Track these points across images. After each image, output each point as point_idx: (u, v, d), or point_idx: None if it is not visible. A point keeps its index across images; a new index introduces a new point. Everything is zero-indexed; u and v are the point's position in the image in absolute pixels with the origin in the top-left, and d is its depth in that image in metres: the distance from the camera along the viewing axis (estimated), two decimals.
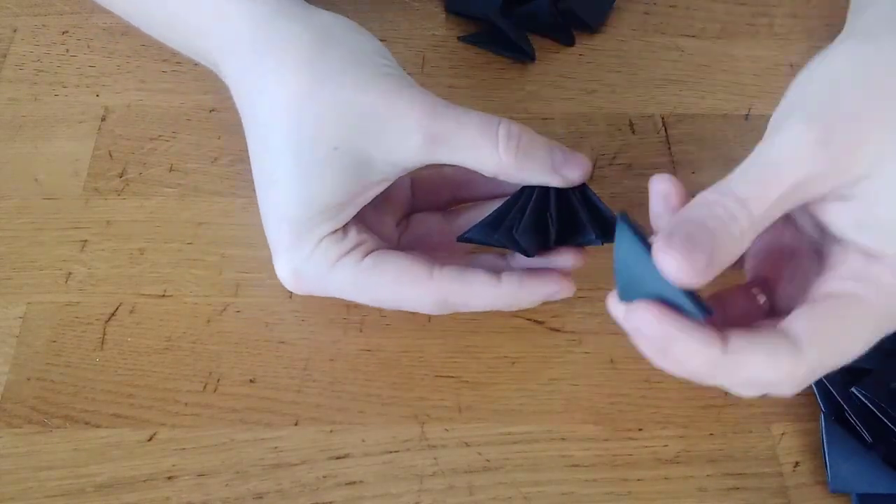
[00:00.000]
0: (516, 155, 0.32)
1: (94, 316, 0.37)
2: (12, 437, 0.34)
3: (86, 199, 0.41)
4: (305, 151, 0.31)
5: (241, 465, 0.34)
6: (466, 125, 0.32)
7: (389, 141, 0.31)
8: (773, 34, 0.49)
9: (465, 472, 0.34)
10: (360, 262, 0.33)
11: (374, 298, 0.34)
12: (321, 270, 0.33)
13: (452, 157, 0.32)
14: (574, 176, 0.33)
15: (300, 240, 0.33)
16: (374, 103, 0.31)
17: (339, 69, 0.31)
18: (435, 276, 0.33)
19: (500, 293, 0.33)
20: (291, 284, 0.34)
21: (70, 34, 0.47)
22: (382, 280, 0.33)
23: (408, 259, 0.33)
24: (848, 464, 0.33)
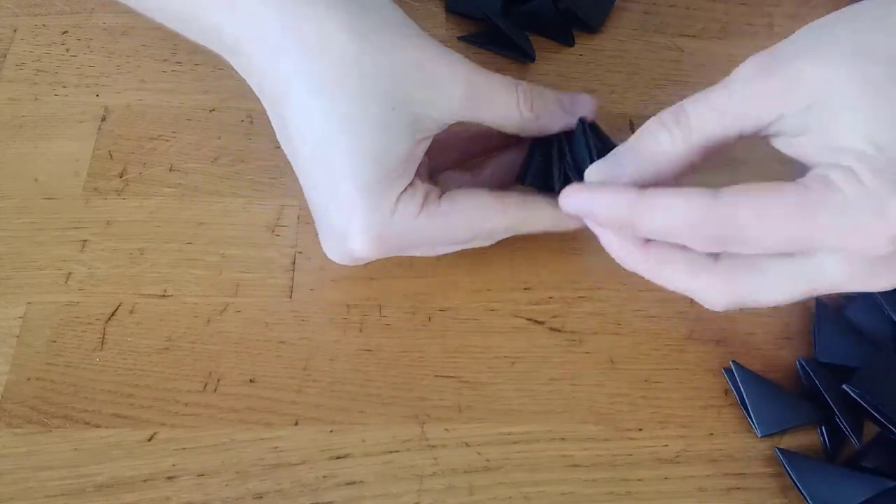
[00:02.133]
0: (533, 108, 0.35)
1: (94, 316, 0.37)
2: (12, 437, 0.34)
3: (86, 199, 0.41)
4: (367, 112, 0.32)
5: (241, 465, 0.34)
6: (496, 84, 0.34)
7: (438, 96, 0.33)
8: (773, 34, 0.49)
9: (465, 472, 0.34)
10: (438, 207, 0.34)
11: (454, 239, 0.35)
12: (406, 228, 0.34)
13: (482, 113, 0.34)
14: (584, 111, 0.36)
15: (378, 203, 0.33)
16: (422, 62, 0.33)
17: (382, 31, 0.32)
18: (507, 203, 0.35)
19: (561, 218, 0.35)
20: (371, 249, 0.34)
21: (70, 34, 0.47)
22: (462, 216, 0.35)
23: (477, 192, 0.35)
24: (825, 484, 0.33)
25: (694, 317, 0.38)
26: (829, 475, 0.33)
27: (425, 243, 0.35)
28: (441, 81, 0.33)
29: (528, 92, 0.35)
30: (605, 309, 0.39)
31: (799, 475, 0.33)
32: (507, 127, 0.35)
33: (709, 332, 0.38)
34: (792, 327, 0.38)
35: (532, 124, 0.35)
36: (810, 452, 0.35)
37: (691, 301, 0.38)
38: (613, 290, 0.39)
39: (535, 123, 0.35)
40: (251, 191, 0.41)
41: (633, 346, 0.38)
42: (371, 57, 0.32)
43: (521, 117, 0.35)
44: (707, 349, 0.38)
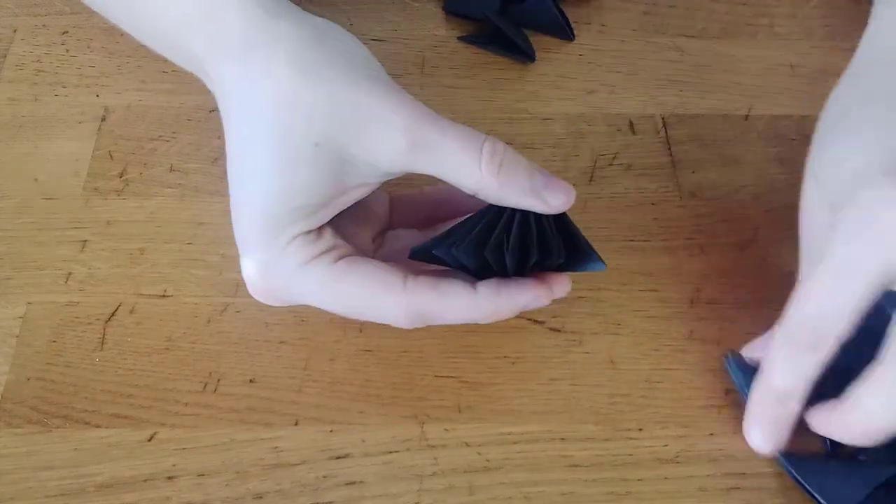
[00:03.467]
0: (498, 173, 0.31)
1: (94, 316, 0.37)
2: (12, 437, 0.34)
3: (86, 199, 0.41)
4: (287, 144, 0.31)
5: (241, 465, 0.34)
6: (451, 136, 0.31)
7: (373, 141, 0.31)
8: (773, 34, 0.49)
9: (465, 472, 0.34)
10: (332, 264, 0.32)
11: (343, 305, 0.33)
12: (290, 269, 0.32)
13: (434, 167, 0.31)
14: (556, 202, 0.32)
15: (272, 236, 0.32)
16: (360, 102, 0.31)
17: (329, 67, 0.31)
18: (409, 286, 0.32)
19: (476, 303, 0.32)
20: (257, 284, 0.33)
21: (70, 34, 0.47)
22: (354, 286, 0.32)
23: (381, 267, 0.32)
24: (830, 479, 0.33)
25: (694, 317, 0.38)
26: (832, 470, 0.33)
27: (314, 299, 0.33)
28: (379, 126, 0.31)
29: (500, 153, 0.31)
30: (605, 309, 0.39)
31: (802, 473, 0.33)
32: (463, 186, 0.32)
33: (709, 332, 0.38)
34: None
35: (492, 192, 0.31)
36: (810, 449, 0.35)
37: (691, 301, 0.39)
38: (613, 290, 0.39)
39: (495, 191, 0.31)
40: None
41: (633, 346, 0.38)
42: (305, 90, 0.31)
43: (479, 179, 0.31)
44: (707, 349, 0.38)
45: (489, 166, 0.31)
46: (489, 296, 0.32)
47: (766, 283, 0.39)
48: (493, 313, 0.32)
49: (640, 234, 0.41)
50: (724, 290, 0.39)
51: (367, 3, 0.49)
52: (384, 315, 0.33)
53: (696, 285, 0.39)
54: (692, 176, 0.43)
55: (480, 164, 0.31)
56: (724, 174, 0.43)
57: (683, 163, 0.43)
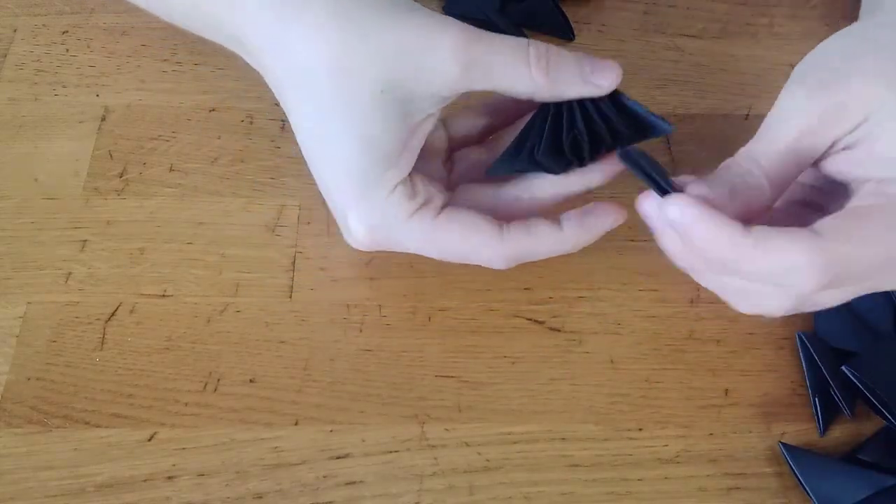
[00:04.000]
0: (548, 72, 0.32)
1: (94, 316, 0.37)
2: (12, 437, 0.34)
3: (86, 199, 0.41)
4: (354, 99, 0.32)
5: (241, 465, 0.34)
6: (499, 50, 0.32)
7: (428, 74, 0.32)
8: (773, 34, 0.49)
9: (465, 472, 0.34)
10: (434, 218, 0.34)
11: (446, 254, 0.35)
12: (396, 223, 0.33)
13: (488, 82, 0.33)
14: (606, 82, 0.33)
15: (369, 192, 0.33)
16: (409, 40, 0.32)
17: (369, 13, 0.32)
18: (504, 234, 0.34)
19: (563, 237, 0.34)
20: (365, 240, 0.34)
21: (70, 34, 0.47)
22: (456, 237, 0.34)
23: (479, 218, 0.34)
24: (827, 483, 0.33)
25: (694, 317, 0.38)
26: (831, 470, 0.33)
27: (417, 248, 0.35)
28: (430, 60, 0.32)
29: (544, 54, 0.33)
30: (605, 309, 0.39)
31: (801, 469, 0.33)
32: (518, 93, 0.33)
33: (709, 332, 0.38)
34: (792, 327, 0.38)
35: (545, 90, 0.33)
36: (811, 447, 0.35)
37: (691, 301, 0.39)
38: (613, 290, 0.39)
39: (548, 89, 0.33)
40: (251, 191, 0.41)
41: (633, 346, 0.38)
42: (353, 45, 0.31)
43: (532, 82, 0.33)
44: (707, 349, 0.38)
45: (538, 68, 0.32)
46: (574, 229, 0.34)
47: None
48: (579, 244, 0.35)
49: (640, 234, 0.41)
50: None
51: None
52: (483, 260, 0.35)
53: (696, 285, 0.39)
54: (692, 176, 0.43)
55: (530, 68, 0.32)
56: None
57: (683, 163, 0.43)
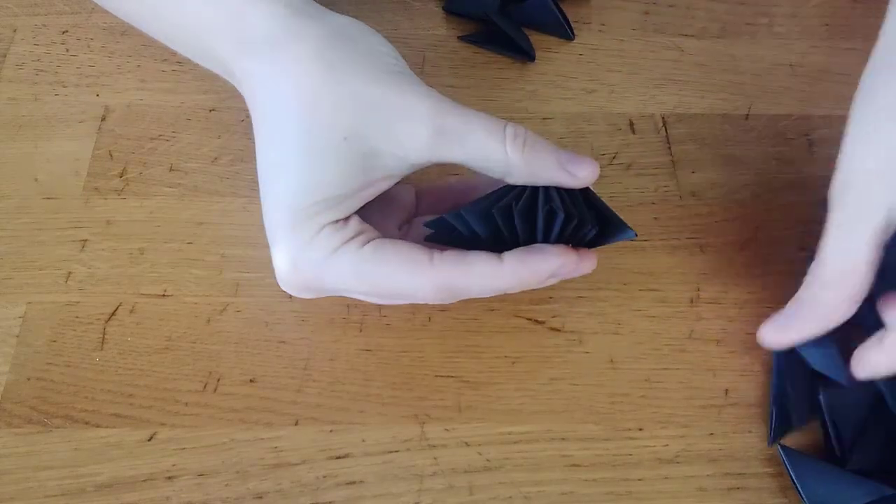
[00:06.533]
0: (523, 152, 0.32)
1: (94, 316, 0.37)
2: (12, 437, 0.34)
3: (86, 199, 0.41)
4: (315, 139, 0.32)
5: (241, 465, 0.34)
6: (474, 123, 0.32)
7: (398, 134, 0.32)
8: (773, 34, 0.49)
9: (465, 472, 0.34)
10: (360, 249, 0.32)
11: (373, 287, 0.33)
12: (320, 259, 0.32)
13: (459, 154, 0.32)
14: (583, 173, 0.33)
15: (300, 227, 0.32)
16: (385, 96, 0.32)
17: (353, 63, 0.32)
18: (436, 261, 0.32)
19: (502, 272, 0.32)
20: (288, 277, 0.33)
21: (70, 34, 0.47)
22: (382, 267, 0.32)
23: (408, 245, 0.33)
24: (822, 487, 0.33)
25: (694, 317, 0.38)
26: (829, 477, 0.33)
27: (345, 286, 0.33)
28: (402, 120, 0.32)
29: (521, 136, 0.32)
30: (605, 309, 0.39)
31: (798, 473, 0.33)
32: (492, 170, 0.33)
33: (709, 332, 0.38)
34: None
35: (520, 170, 0.32)
36: (810, 448, 0.35)
37: (691, 301, 0.39)
38: (613, 290, 0.39)
39: (522, 168, 0.32)
40: (251, 191, 0.41)
41: (633, 346, 0.38)
42: (330, 88, 0.32)
43: (506, 160, 0.32)
44: (707, 349, 0.38)
45: (514, 147, 0.32)
46: (514, 264, 0.32)
47: (766, 283, 0.39)
48: (520, 282, 0.33)
49: (640, 234, 0.41)
50: (724, 290, 0.39)
51: (368, 3, 0.49)
52: (413, 293, 0.33)
53: (696, 285, 0.39)
54: (692, 176, 0.43)
55: (505, 146, 0.32)
56: (724, 174, 0.43)
57: (683, 162, 0.43)
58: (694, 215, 0.41)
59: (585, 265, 0.34)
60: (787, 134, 0.44)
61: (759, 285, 0.39)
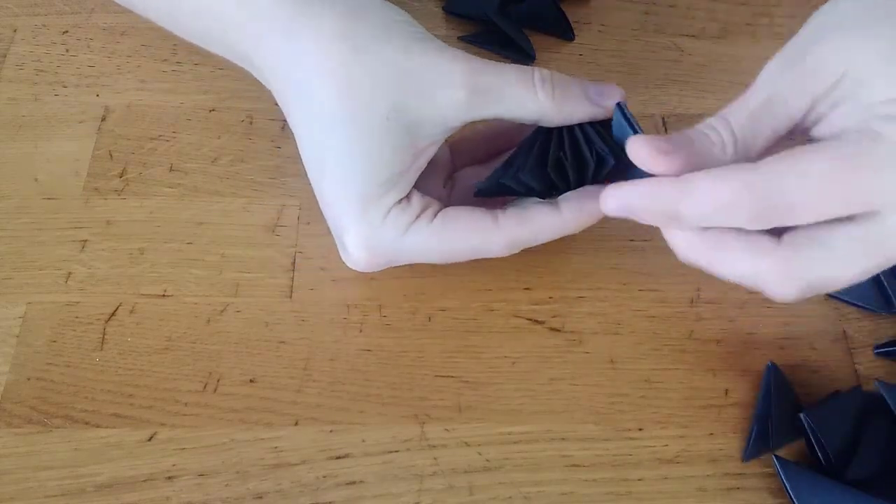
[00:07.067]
0: (554, 96, 0.33)
1: (94, 316, 0.37)
2: (12, 437, 0.34)
3: (86, 199, 0.41)
4: (358, 125, 0.32)
5: (241, 465, 0.34)
6: (505, 77, 0.33)
7: (436, 101, 0.32)
8: (773, 34, 0.49)
9: (465, 472, 0.34)
10: (430, 223, 0.34)
11: (449, 254, 0.35)
12: (394, 240, 0.34)
13: (495, 109, 0.33)
14: (612, 102, 0.34)
15: (368, 214, 0.33)
16: (414, 66, 0.32)
17: (377, 37, 0.32)
18: (500, 221, 0.34)
19: (563, 220, 0.34)
20: (364, 260, 0.35)
21: (70, 34, 0.47)
22: (455, 235, 0.34)
23: (472, 210, 0.34)
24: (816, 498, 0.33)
25: (694, 317, 0.38)
26: (824, 489, 0.33)
27: (419, 258, 0.35)
28: (437, 87, 0.32)
29: (549, 79, 0.33)
30: (605, 309, 0.39)
31: (793, 485, 0.33)
32: (526, 118, 0.34)
33: (709, 332, 0.38)
34: (791, 327, 0.38)
35: (553, 114, 0.34)
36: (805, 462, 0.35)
37: (691, 301, 0.39)
38: (613, 290, 0.39)
39: (557, 113, 0.34)
40: (251, 191, 0.41)
41: (633, 346, 0.38)
42: (363, 67, 0.32)
43: (539, 107, 0.33)
44: (707, 349, 0.38)
45: (544, 92, 0.33)
46: (573, 212, 0.34)
47: None
48: (579, 225, 0.35)
49: (640, 234, 0.41)
50: (724, 290, 0.39)
51: None
52: (486, 251, 0.35)
53: (696, 285, 0.39)
54: None
55: (537, 93, 0.33)
56: None
57: None
58: None
59: None
60: None
61: None
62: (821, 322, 0.38)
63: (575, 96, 0.34)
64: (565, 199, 0.34)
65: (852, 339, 0.38)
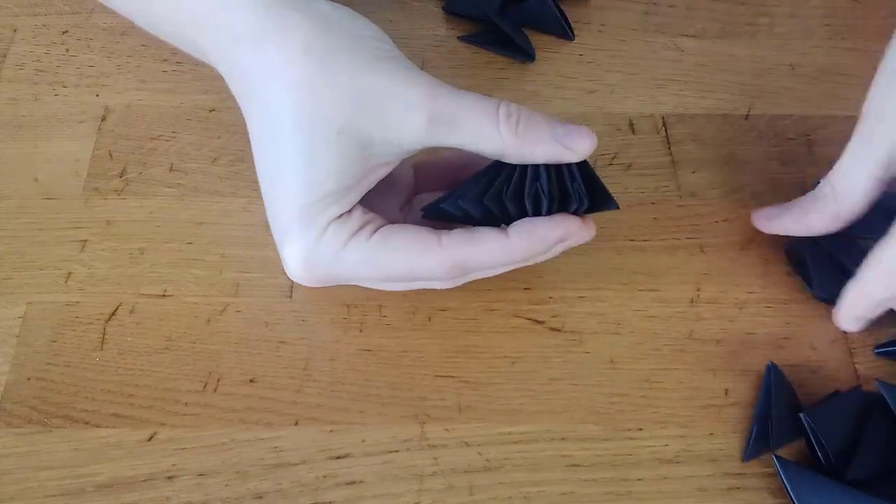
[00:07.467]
0: (517, 132, 0.32)
1: (94, 316, 0.37)
2: (12, 437, 0.34)
3: (86, 199, 0.41)
4: (310, 135, 0.32)
5: (241, 465, 0.34)
6: (467, 106, 0.32)
7: (392, 122, 0.32)
8: (773, 34, 0.49)
9: (465, 472, 0.34)
10: (369, 239, 0.33)
11: (386, 275, 0.34)
12: (331, 254, 0.33)
13: (454, 138, 0.32)
14: (581, 146, 0.32)
15: (308, 226, 0.33)
16: (375, 84, 0.31)
17: (340, 53, 0.32)
18: (444, 242, 0.33)
19: (511, 246, 0.33)
20: (301, 274, 0.34)
21: (70, 34, 0.47)
22: (393, 254, 0.33)
23: (415, 229, 0.33)
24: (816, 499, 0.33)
25: (694, 317, 0.38)
26: (824, 489, 0.33)
27: (358, 275, 0.34)
28: (395, 109, 0.31)
29: (515, 114, 0.32)
30: (605, 309, 0.39)
31: (794, 486, 0.33)
32: (486, 151, 0.33)
33: (709, 332, 0.38)
34: (791, 327, 0.38)
35: (514, 150, 0.32)
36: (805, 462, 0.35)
37: (691, 301, 0.39)
38: (613, 290, 0.39)
39: (517, 150, 0.32)
40: (251, 191, 0.41)
41: (633, 346, 0.38)
42: (324, 81, 0.31)
43: (500, 142, 0.32)
44: (707, 349, 0.38)
45: (507, 127, 0.32)
46: (521, 237, 0.33)
47: (766, 283, 0.39)
48: (528, 254, 0.33)
49: (641, 234, 0.41)
50: (724, 290, 0.39)
51: (367, 3, 0.49)
52: (426, 275, 0.33)
53: (696, 285, 0.39)
54: (692, 176, 0.43)
55: (499, 128, 0.32)
56: (724, 174, 0.43)
57: (683, 163, 0.43)
58: (694, 215, 0.41)
59: (587, 232, 0.34)
60: (787, 134, 0.44)
61: (759, 285, 0.39)
62: (821, 322, 0.38)
63: (540, 136, 0.32)
64: (515, 225, 0.33)
65: (852, 339, 0.38)
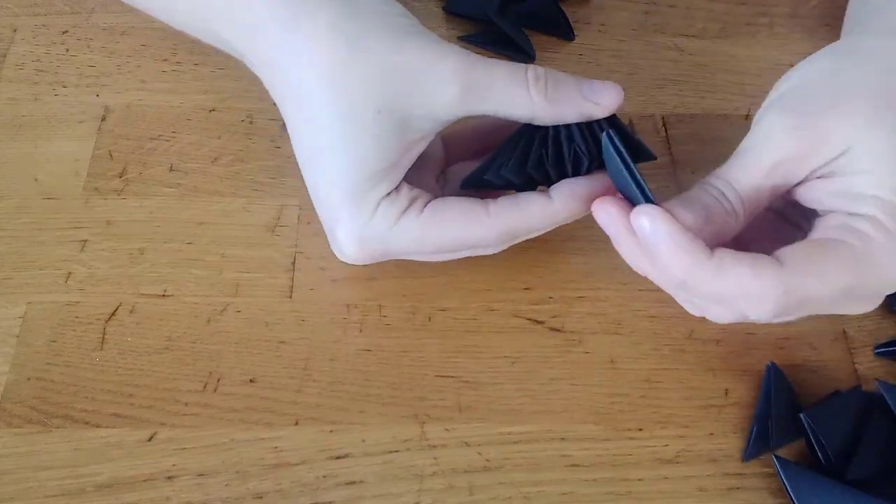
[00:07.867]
0: (547, 94, 0.33)
1: (94, 316, 0.37)
2: (12, 437, 0.34)
3: (86, 199, 0.41)
4: (352, 118, 0.32)
5: (241, 465, 0.34)
6: (498, 73, 0.33)
7: (428, 96, 0.32)
8: (773, 34, 0.49)
9: (465, 472, 0.34)
10: (419, 215, 0.34)
11: (439, 247, 0.34)
12: (384, 232, 0.34)
13: (487, 106, 0.33)
14: (609, 101, 0.33)
15: (359, 206, 0.33)
16: (407, 61, 0.32)
17: (368, 32, 0.32)
18: (492, 211, 0.34)
19: (555, 209, 0.34)
20: (356, 253, 0.35)
21: (70, 34, 0.47)
22: (445, 226, 0.34)
23: (462, 201, 0.34)
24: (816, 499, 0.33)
25: (694, 317, 0.38)
26: (824, 489, 0.33)
27: (411, 250, 0.35)
28: (430, 82, 0.32)
29: (542, 77, 0.33)
30: (605, 309, 0.39)
31: (794, 486, 0.33)
32: (519, 116, 0.34)
33: (709, 332, 0.38)
34: (791, 327, 0.38)
35: (545, 112, 0.33)
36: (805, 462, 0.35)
37: None
38: (613, 290, 0.39)
39: (549, 111, 0.33)
40: (251, 191, 0.41)
41: (633, 346, 0.38)
42: (357, 62, 0.32)
43: (531, 105, 0.33)
44: (707, 349, 0.38)
45: (537, 90, 0.33)
46: (565, 198, 0.34)
47: None
48: (573, 214, 0.34)
49: None
50: None
51: None
52: (477, 243, 0.34)
53: None
54: (692, 176, 0.43)
55: (529, 91, 0.33)
56: None
57: (683, 163, 0.43)
58: None
59: None
60: None
61: None
62: (821, 322, 0.38)
63: (569, 94, 0.33)
64: (556, 188, 0.34)
65: (852, 339, 0.38)
